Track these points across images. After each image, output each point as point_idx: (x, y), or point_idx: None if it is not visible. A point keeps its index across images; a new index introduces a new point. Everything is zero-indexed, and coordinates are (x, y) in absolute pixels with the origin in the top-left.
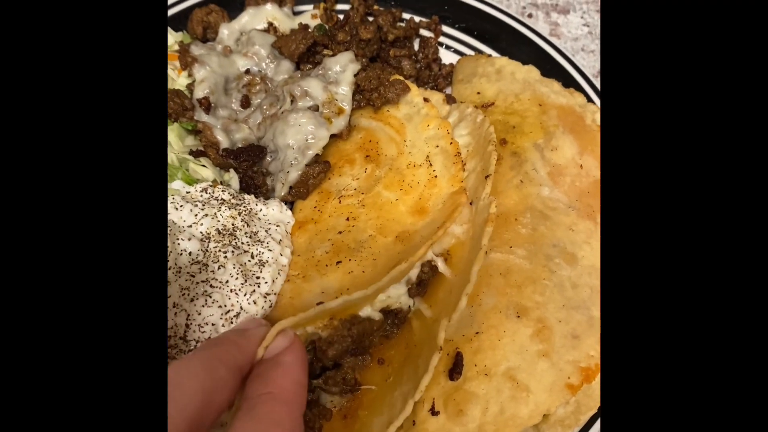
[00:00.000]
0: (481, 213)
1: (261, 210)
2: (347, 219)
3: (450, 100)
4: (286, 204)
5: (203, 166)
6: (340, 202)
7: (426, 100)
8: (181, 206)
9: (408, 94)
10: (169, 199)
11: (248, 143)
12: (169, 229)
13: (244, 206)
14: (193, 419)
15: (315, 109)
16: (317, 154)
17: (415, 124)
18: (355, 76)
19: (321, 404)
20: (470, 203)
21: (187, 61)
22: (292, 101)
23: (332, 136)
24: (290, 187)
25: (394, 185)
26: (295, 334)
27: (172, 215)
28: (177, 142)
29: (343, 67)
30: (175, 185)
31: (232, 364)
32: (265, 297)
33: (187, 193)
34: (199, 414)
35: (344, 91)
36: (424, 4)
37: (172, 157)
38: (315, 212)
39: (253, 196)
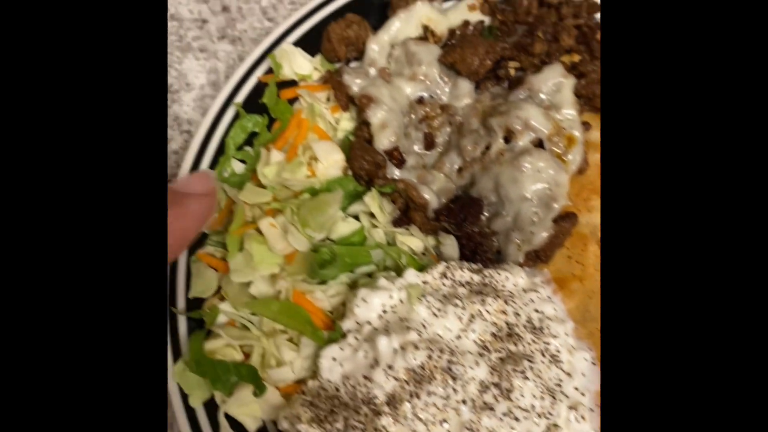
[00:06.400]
0: None
1: (508, 279)
2: None
3: None
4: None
5: (411, 235)
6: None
7: None
8: (441, 310)
9: None
10: (423, 303)
11: (451, 196)
12: (438, 347)
13: (492, 285)
14: None
15: (537, 144)
16: None
17: None
18: None
19: None
20: None
21: (363, 103)
22: (507, 139)
23: None
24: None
25: None
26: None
27: (435, 326)
28: (380, 213)
29: (556, 85)
30: (411, 277)
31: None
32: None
33: (425, 283)
34: None
35: (571, 115)
36: None
37: (380, 234)
38: (574, 265)
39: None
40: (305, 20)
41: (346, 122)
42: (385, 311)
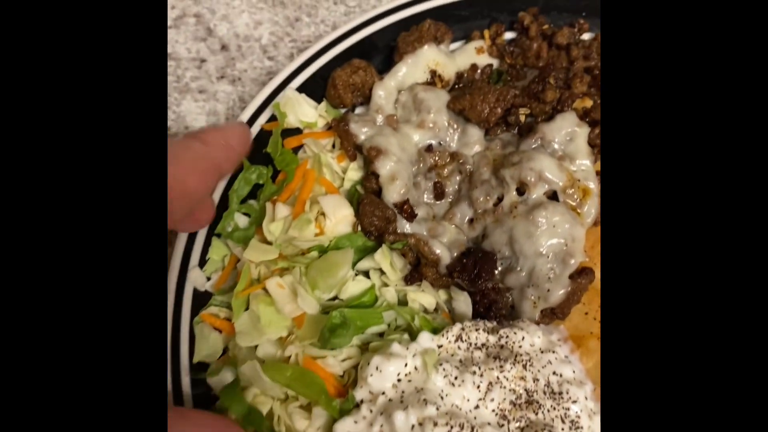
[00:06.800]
0: None
1: (524, 339)
2: None
3: None
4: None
5: (423, 291)
6: None
7: None
8: (458, 378)
9: None
10: (439, 372)
11: (462, 248)
12: (458, 422)
13: (508, 346)
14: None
15: (551, 196)
16: None
17: None
18: None
19: None
20: None
21: (372, 155)
22: (520, 191)
23: None
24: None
25: None
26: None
27: (452, 395)
28: (392, 270)
29: (569, 134)
30: (425, 341)
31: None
32: None
33: (440, 347)
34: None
35: (585, 166)
36: None
37: (391, 293)
38: (591, 322)
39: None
40: (308, 65)
41: (353, 172)
42: (399, 380)
